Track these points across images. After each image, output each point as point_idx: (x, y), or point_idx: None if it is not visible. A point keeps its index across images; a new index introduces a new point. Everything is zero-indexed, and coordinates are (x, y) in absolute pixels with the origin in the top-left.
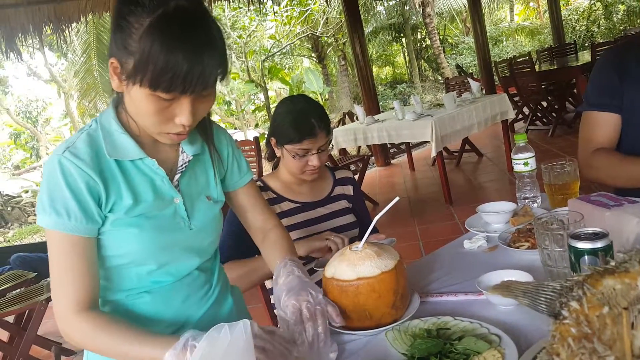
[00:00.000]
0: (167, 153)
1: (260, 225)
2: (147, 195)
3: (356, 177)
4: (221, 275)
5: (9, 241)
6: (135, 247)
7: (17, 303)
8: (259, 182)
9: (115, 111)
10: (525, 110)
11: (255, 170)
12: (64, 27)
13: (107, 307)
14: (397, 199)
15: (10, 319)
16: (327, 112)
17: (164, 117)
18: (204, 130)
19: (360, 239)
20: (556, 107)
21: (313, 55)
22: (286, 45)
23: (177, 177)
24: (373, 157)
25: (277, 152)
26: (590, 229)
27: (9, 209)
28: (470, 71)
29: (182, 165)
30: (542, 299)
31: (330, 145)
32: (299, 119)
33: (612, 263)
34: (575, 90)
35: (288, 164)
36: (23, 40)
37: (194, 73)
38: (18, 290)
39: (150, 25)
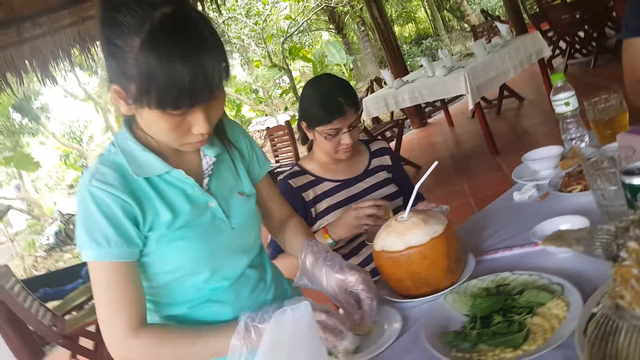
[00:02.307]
0: (191, 160)
1: (279, 215)
2: (183, 206)
3: (392, 143)
4: (274, 269)
5: (77, 257)
6: (186, 259)
7: (95, 313)
8: (295, 167)
9: (130, 131)
10: (562, 44)
11: (291, 153)
12: (90, 45)
13: (171, 322)
14: (435, 163)
15: (92, 328)
16: (354, 82)
17: (181, 131)
18: (217, 130)
19: (405, 208)
20: (595, 35)
21: (331, 27)
22: (303, 23)
23: (205, 181)
24: (408, 120)
25: (310, 135)
26: None
27: (71, 226)
28: (497, 14)
29: (207, 169)
30: (598, 243)
31: (362, 121)
32: (326, 100)
33: None
34: (614, 14)
35: (321, 146)
36: (55, 65)
37: (197, 82)
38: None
39: (142, 46)
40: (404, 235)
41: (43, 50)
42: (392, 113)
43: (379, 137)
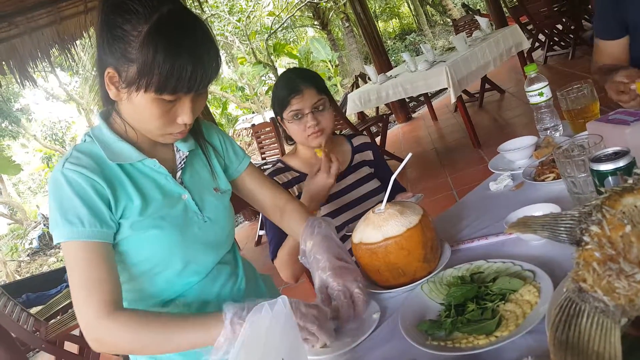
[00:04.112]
0: (165, 154)
1: (273, 202)
2: (154, 194)
3: (378, 138)
4: (246, 265)
5: (61, 260)
6: (159, 247)
7: None
8: (279, 164)
9: (106, 123)
10: (542, 37)
11: (277, 150)
12: (69, 45)
13: None
14: (409, 155)
15: (77, 332)
16: (340, 78)
17: (167, 119)
18: (192, 128)
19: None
20: (572, 27)
21: (316, 23)
22: (287, 19)
23: (179, 174)
24: (393, 115)
25: (287, 130)
26: (610, 150)
27: None
28: (478, 8)
29: (180, 162)
30: (562, 228)
31: (339, 107)
32: (284, 84)
33: (630, 181)
34: (590, 6)
35: (294, 134)
36: (34, 66)
37: (197, 72)
38: None
39: (150, 32)
40: (381, 227)
41: (20, 50)
42: (377, 108)
43: (365, 132)
